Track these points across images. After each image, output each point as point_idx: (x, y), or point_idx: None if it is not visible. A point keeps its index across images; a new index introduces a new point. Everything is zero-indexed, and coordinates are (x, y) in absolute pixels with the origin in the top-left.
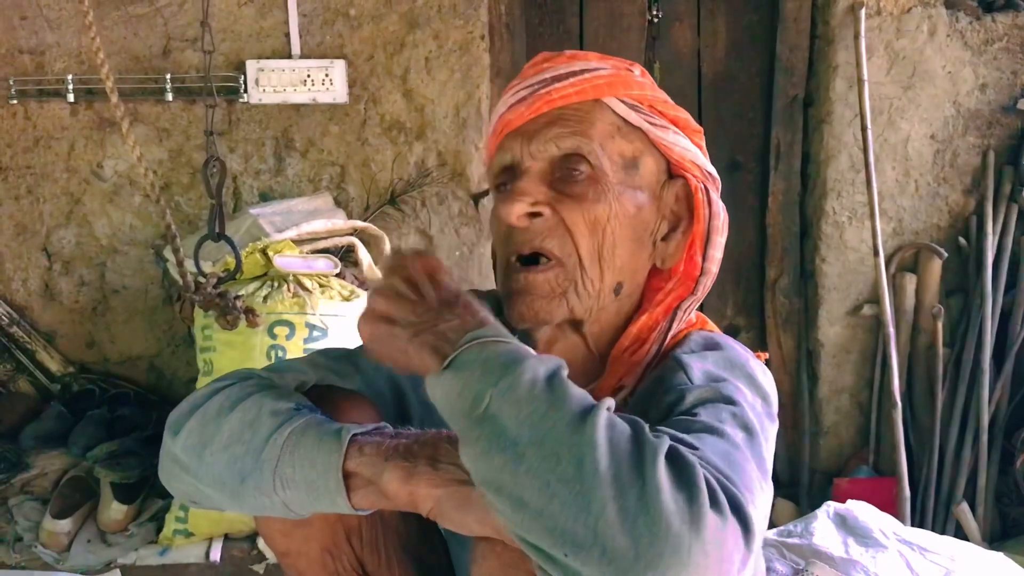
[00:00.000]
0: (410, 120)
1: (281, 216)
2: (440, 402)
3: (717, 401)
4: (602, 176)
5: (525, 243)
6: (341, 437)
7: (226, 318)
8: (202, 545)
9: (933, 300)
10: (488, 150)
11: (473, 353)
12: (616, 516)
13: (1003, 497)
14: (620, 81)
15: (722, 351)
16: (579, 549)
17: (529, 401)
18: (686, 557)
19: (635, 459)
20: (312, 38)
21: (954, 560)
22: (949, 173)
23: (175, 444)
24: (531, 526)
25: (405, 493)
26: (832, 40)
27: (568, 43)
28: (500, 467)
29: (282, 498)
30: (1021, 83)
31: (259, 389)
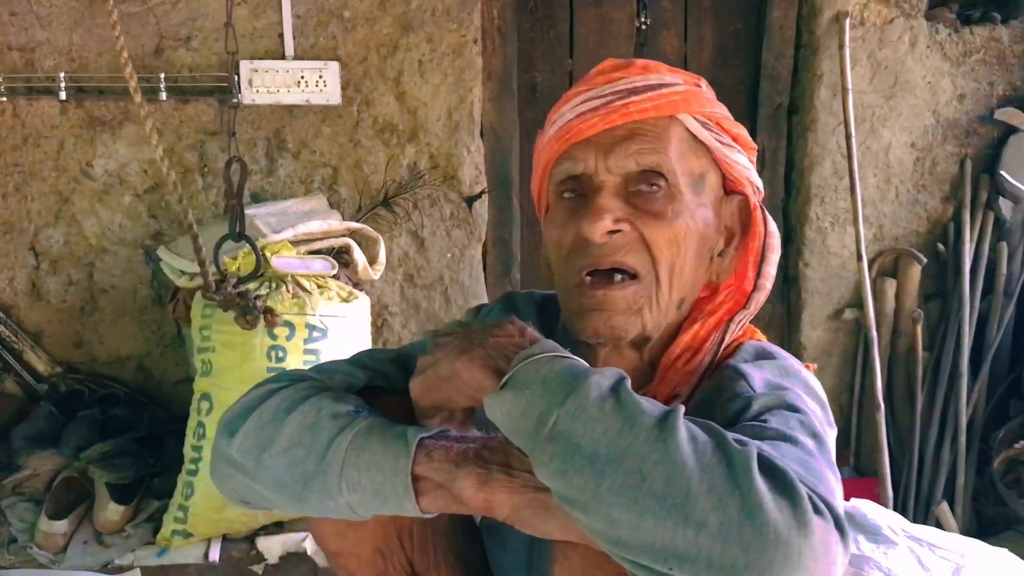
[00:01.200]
0: (403, 122)
1: (276, 217)
2: (501, 421)
3: (783, 408)
4: (677, 193)
5: (603, 257)
6: (408, 441)
7: (246, 318)
8: (201, 545)
9: (913, 305)
10: (546, 153)
11: (530, 371)
12: (719, 527)
13: (980, 496)
14: (694, 98)
15: (776, 360)
16: (684, 562)
17: (600, 419)
18: (797, 562)
19: (728, 469)
20: (306, 39)
21: (963, 556)
22: (928, 181)
23: (230, 446)
24: (627, 543)
25: (480, 499)
26: (817, 49)
27: (559, 48)
28: (581, 487)
29: (347, 500)
30: (997, 94)
31: (315, 392)
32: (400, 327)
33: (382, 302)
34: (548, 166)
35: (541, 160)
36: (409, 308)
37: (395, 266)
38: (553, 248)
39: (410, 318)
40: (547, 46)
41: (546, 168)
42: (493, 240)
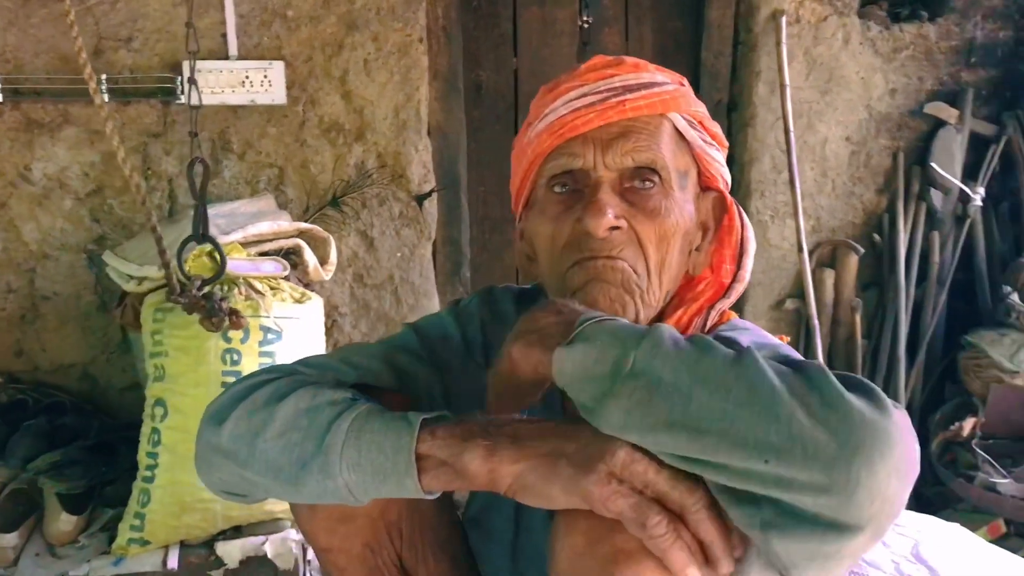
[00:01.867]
0: (349, 122)
1: (225, 218)
2: (572, 372)
3: (778, 359)
4: (669, 191)
5: (602, 252)
6: (411, 421)
7: (211, 320)
8: (158, 553)
9: (851, 294)
10: (535, 146)
11: (594, 329)
12: (806, 419)
13: (919, 478)
14: (683, 97)
15: (752, 331)
16: (779, 453)
17: (677, 354)
18: (885, 438)
19: (801, 376)
20: (249, 39)
21: (920, 531)
22: (863, 173)
23: (218, 434)
24: (717, 447)
25: (486, 471)
26: (754, 47)
27: (503, 47)
28: (667, 409)
29: (346, 481)
30: (926, 89)
31: (307, 382)
32: (351, 328)
33: (332, 303)
34: (538, 159)
35: (528, 153)
36: (359, 308)
37: (344, 266)
38: (543, 241)
39: (360, 318)
40: (491, 45)
41: (535, 161)
42: (443, 239)
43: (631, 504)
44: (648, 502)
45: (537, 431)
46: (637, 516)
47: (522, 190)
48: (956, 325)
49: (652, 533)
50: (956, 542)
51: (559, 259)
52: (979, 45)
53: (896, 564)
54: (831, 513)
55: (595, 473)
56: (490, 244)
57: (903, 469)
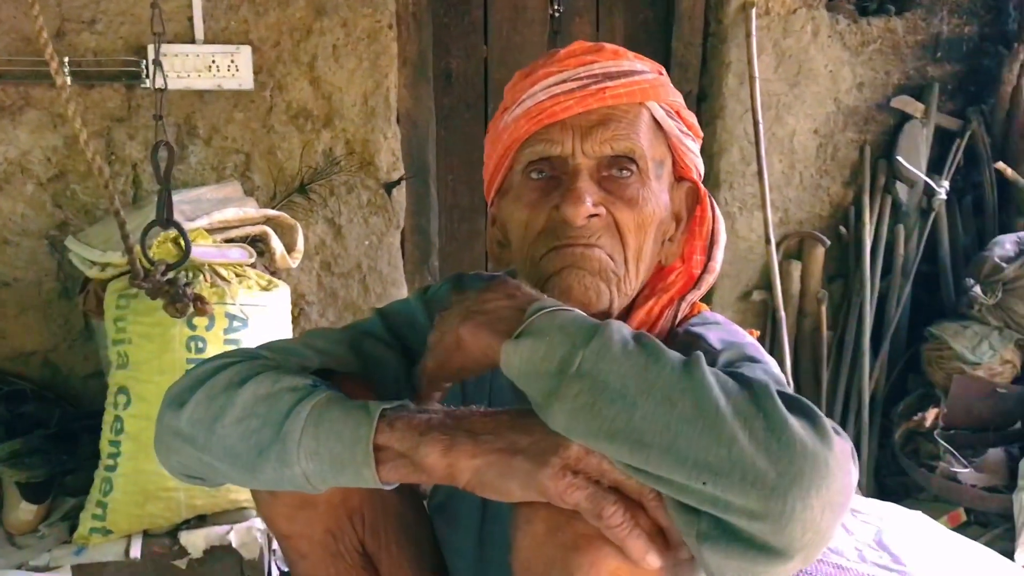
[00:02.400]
0: (317, 108)
1: (190, 204)
2: (520, 367)
3: (745, 360)
4: (646, 180)
5: (580, 239)
6: (370, 411)
7: (175, 306)
8: (121, 542)
9: (817, 286)
10: (512, 131)
11: (544, 321)
12: (748, 443)
13: (882, 468)
14: (661, 87)
15: (722, 325)
16: (718, 477)
17: (626, 357)
18: (824, 469)
19: (749, 395)
20: (216, 23)
21: (883, 519)
22: (830, 166)
23: (178, 417)
24: (659, 462)
25: (444, 465)
26: (724, 38)
27: (473, 35)
28: (612, 417)
29: (303, 469)
30: (893, 83)
31: (269, 367)
32: (318, 316)
33: (299, 291)
34: (515, 145)
35: (504, 138)
36: (327, 297)
37: (312, 254)
38: (518, 227)
39: (328, 307)
40: (462, 32)
41: (511, 147)
42: (411, 227)
43: (586, 495)
44: (603, 492)
45: (493, 425)
46: (593, 507)
47: (496, 175)
48: (920, 317)
49: (608, 523)
50: (918, 529)
51: (534, 245)
52: (945, 40)
53: (859, 551)
54: (764, 537)
55: (550, 467)
56: (459, 233)
57: (838, 502)
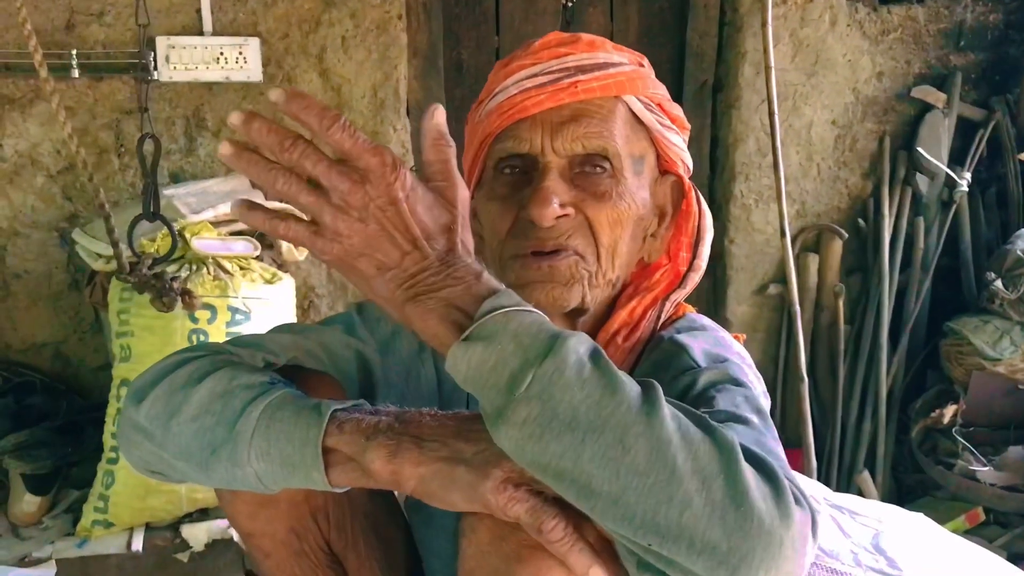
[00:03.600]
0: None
1: (196, 197)
2: (466, 374)
3: (727, 383)
4: (620, 176)
5: (548, 240)
6: (321, 412)
7: (162, 300)
8: (123, 535)
9: (834, 279)
10: (484, 126)
11: (498, 322)
12: (703, 509)
13: (899, 465)
14: (639, 79)
15: (709, 332)
16: (664, 540)
17: (580, 385)
18: (778, 551)
19: (713, 450)
20: (224, 15)
21: (881, 521)
22: (849, 157)
23: (138, 412)
24: (606, 513)
25: (388, 471)
26: (740, 27)
27: (484, 25)
28: (558, 454)
29: (255, 470)
30: (914, 72)
31: (230, 363)
32: (327, 309)
33: (308, 284)
34: (488, 140)
35: (478, 133)
36: (336, 289)
37: None
38: (489, 222)
39: (337, 299)
40: (473, 23)
41: (484, 141)
42: None
43: (527, 509)
44: (544, 506)
45: (440, 431)
46: (533, 521)
47: (473, 169)
48: (940, 312)
49: (549, 538)
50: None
51: (503, 245)
52: (968, 28)
53: (855, 555)
54: None
55: (491, 480)
56: None
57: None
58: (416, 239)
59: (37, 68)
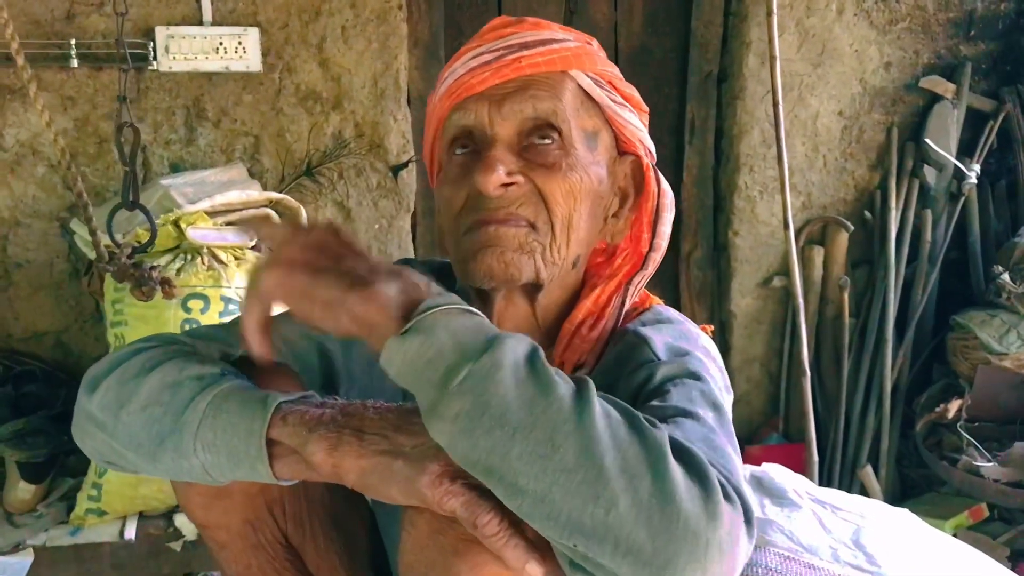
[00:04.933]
0: (326, 90)
1: (193, 187)
2: (400, 367)
3: (684, 377)
4: (571, 148)
5: (499, 209)
6: (267, 404)
7: (141, 289)
8: (116, 524)
9: (840, 272)
10: (437, 111)
11: (439, 319)
12: (629, 509)
13: (904, 459)
14: (585, 55)
15: (674, 325)
16: (590, 540)
17: (514, 383)
18: (704, 553)
19: (642, 449)
20: (224, 4)
21: (863, 516)
22: (855, 149)
23: (91, 401)
24: (532, 512)
25: (329, 464)
26: (745, 17)
27: (487, 15)
28: (488, 449)
29: (201, 461)
30: (922, 62)
31: (182, 354)
32: None
33: None
34: (440, 124)
35: (433, 120)
36: None
37: None
38: (444, 206)
39: None
40: (475, 12)
41: (437, 127)
42: (422, 210)
43: (462, 503)
44: (480, 500)
45: (381, 423)
46: (469, 516)
47: (433, 159)
48: (948, 305)
49: (483, 533)
50: (901, 528)
51: (456, 223)
52: (979, 17)
53: (834, 550)
54: None
55: (427, 474)
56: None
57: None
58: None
59: (14, 56)
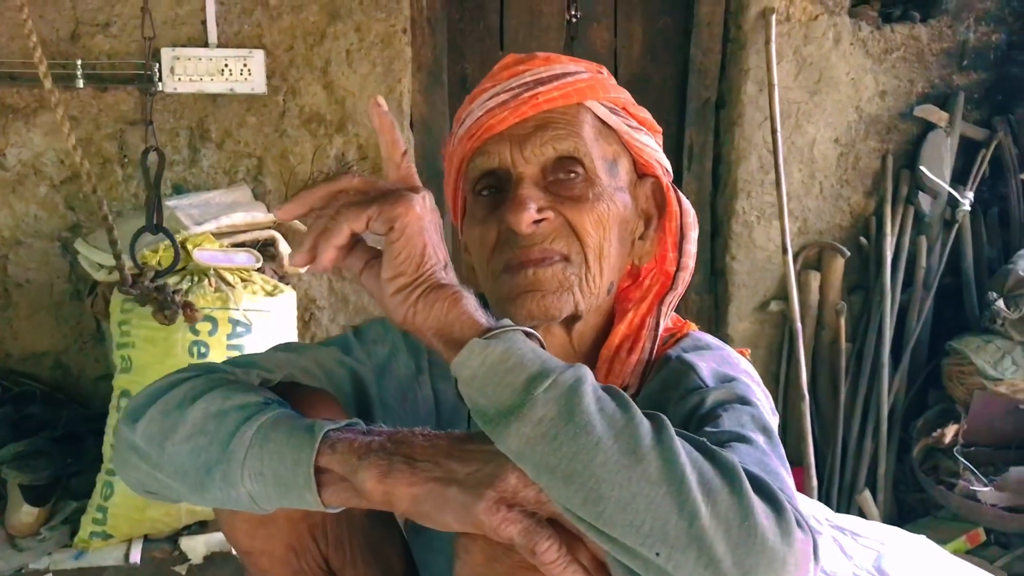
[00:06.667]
0: (330, 112)
1: (199, 209)
2: (479, 370)
3: (734, 402)
4: (595, 178)
5: (532, 247)
6: (314, 432)
7: (164, 313)
8: (121, 547)
9: (836, 297)
10: (458, 153)
11: (518, 336)
12: (711, 521)
13: (900, 484)
14: (598, 84)
15: (715, 351)
16: (673, 550)
17: (597, 398)
18: (781, 569)
19: (716, 469)
20: (230, 27)
21: (883, 543)
22: (851, 175)
23: (134, 432)
24: (613, 519)
25: (381, 492)
26: (744, 45)
27: (489, 40)
28: (571, 455)
29: (248, 490)
30: (916, 91)
31: (224, 382)
32: (328, 321)
33: (309, 296)
34: (461, 166)
35: (454, 162)
36: (338, 302)
37: None
38: (475, 246)
39: (338, 312)
40: (477, 37)
41: (459, 168)
42: None
43: (520, 530)
44: (538, 527)
45: (432, 451)
46: (527, 543)
47: (456, 201)
48: (943, 331)
49: (542, 560)
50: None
51: (491, 262)
52: (971, 48)
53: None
54: None
55: (484, 501)
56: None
57: None
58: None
59: (42, 79)
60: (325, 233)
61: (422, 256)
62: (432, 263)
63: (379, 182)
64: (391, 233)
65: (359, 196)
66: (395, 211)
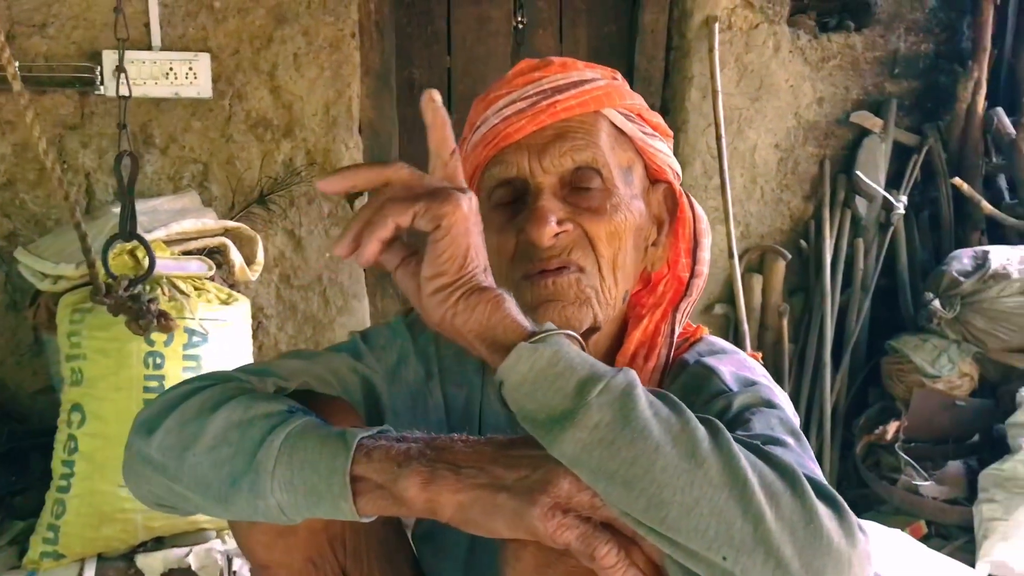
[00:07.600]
0: (278, 117)
1: (147, 216)
2: (527, 374)
3: (761, 406)
4: (613, 188)
5: (551, 259)
6: (347, 440)
7: (138, 323)
8: (74, 567)
9: (778, 299)
10: (472, 159)
11: (564, 341)
12: (775, 523)
13: (844, 480)
14: (616, 92)
15: (731, 355)
16: (739, 553)
17: (650, 402)
18: (847, 570)
19: (774, 471)
20: (173, 29)
21: None
22: (791, 180)
23: (148, 444)
24: (677, 524)
25: (424, 499)
26: (687, 52)
27: (436, 45)
28: (630, 460)
29: (278, 501)
30: (852, 98)
31: (242, 391)
32: (276, 330)
33: (257, 304)
34: (476, 173)
35: (467, 168)
36: (286, 310)
37: (271, 266)
38: (493, 255)
39: (287, 320)
40: (424, 42)
41: (474, 175)
42: None
43: (578, 536)
44: (595, 532)
45: (476, 457)
46: (585, 548)
47: None
48: (880, 330)
49: (602, 564)
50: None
51: (510, 271)
52: (902, 57)
53: None
54: None
55: (538, 506)
56: None
57: None
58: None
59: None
60: (370, 226)
61: (465, 257)
62: (474, 265)
63: (426, 177)
64: (436, 231)
65: (405, 191)
66: (442, 209)
